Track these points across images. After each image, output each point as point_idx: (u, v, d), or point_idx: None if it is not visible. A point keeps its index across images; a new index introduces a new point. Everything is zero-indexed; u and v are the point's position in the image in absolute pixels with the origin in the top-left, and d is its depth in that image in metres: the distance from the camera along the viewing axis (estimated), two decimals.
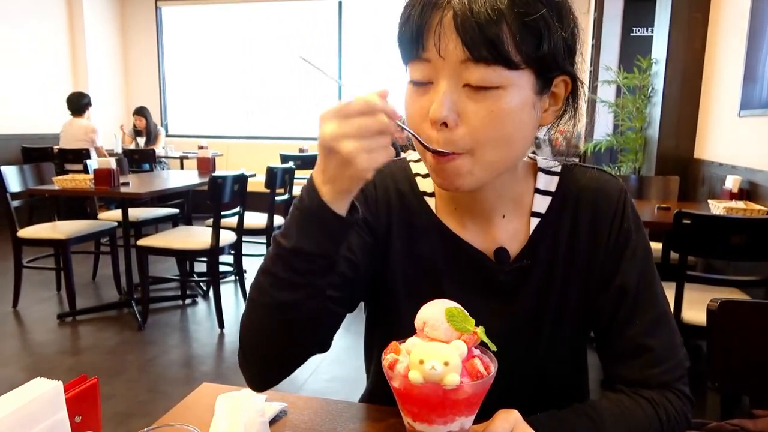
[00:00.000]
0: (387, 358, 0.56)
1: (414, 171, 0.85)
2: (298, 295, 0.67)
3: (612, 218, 0.78)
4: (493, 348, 0.55)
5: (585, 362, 0.88)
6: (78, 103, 5.48)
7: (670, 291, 2.10)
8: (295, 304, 0.67)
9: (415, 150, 0.91)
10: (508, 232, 0.80)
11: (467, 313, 0.55)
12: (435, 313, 0.55)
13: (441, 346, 0.52)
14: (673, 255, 2.35)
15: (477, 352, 0.55)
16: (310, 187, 0.63)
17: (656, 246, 3.06)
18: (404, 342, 0.57)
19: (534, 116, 0.69)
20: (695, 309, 2.10)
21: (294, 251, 0.64)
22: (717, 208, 2.54)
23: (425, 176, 0.83)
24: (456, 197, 0.80)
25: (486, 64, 0.62)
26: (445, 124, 0.64)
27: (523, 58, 0.63)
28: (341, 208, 0.63)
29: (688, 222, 2.04)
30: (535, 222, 0.79)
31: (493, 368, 0.54)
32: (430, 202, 0.82)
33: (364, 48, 7.23)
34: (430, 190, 0.83)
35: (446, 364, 0.50)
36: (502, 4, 0.61)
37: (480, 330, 0.55)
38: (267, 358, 0.74)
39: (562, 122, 0.75)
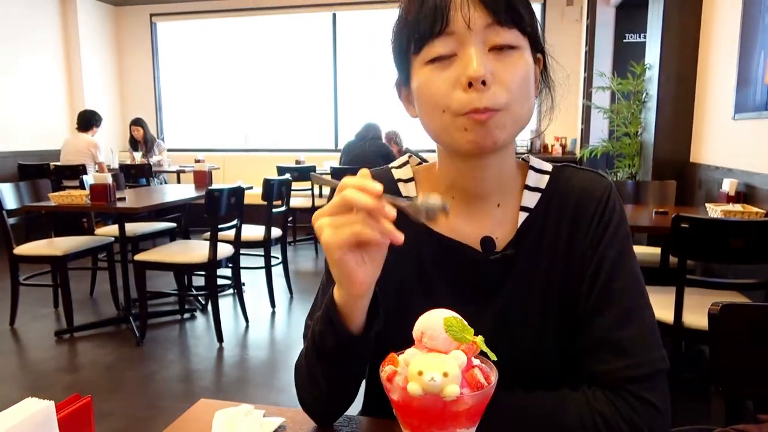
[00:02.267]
0: (385, 370, 0.55)
1: (396, 177, 0.87)
2: (335, 382, 0.75)
3: (593, 213, 0.79)
4: (493, 357, 0.54)
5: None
6: (87, 120, 5.60)
7: (669, 295, 2.10)
8: (336, 381, 0.75)
9: (400, 155, 0.93)
10: (499, 222, 0.82)
11: (466, 323, 0.54)
12: (433, 323, 0.54)
13: (440, 356, 0.52)
14: (672, 259, 2.35)
15: (477, 361, 0.54)
16: (330, 300, 0.71)
17: (655, 251, 3.05)
18: (402, 353, 0.56)
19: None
20: (696, 313, 2.10)
21: (319, 351, 0.73)
22: (714, 211, 2.53)
23: (407, 181, 0.87)
24: (457, 184, 0.82)
25: (508, 27, 0.69)
26: (483, 83, 0.68)
27: (527, 24, 0.71)
28: (355, 318, 0.70)
29: (686, 226, 2.03)
30: (523, 216, 0.81)
31: (494, 378, 0.53)
32: None
33: (359, 58, 7.26)
34: (412, 194, 0.85)
35: (445, 375, 0.49)
36: None
37: (479, 339, 0.54)
38: (321, 410, 0.79)
39: (540, 97, 0.81)
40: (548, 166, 0.85)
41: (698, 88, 3.70)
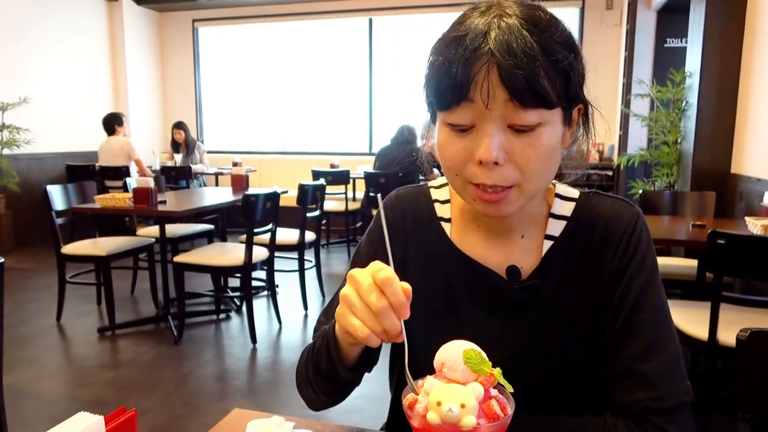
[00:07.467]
0: (407, 397, 0.58)
1: (433, 197, 0.90)
2: (332, 393, 0.84)
3: (619, 243, 0.79)
4: (510, 389, 0.56)
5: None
6: (109, 124, 5.83)
7: (705, 311, 2.06)
8: (333, 394, 0.85)
9: (434, 171, 0.95)
10: (524, 251, 0.83)
11: (485, 355, 0.57)
12: (453, 354, 0.57)
13: (458, 388, 0.54)
14: (709, 274, 2.30)
15: (494, 392, 0.57)
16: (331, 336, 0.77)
17: (692, 263, 2.99)
18: (424, 379, 0.59)
19: (561, 145, 0.75)
20: (731, 330, 2.05)
21: (325, 378, 0.81)
22: (754, 225, 2.47)
23: (444, 202, 0.89)
24: (480, 218, 0.85)
25: (530, 108, 0.67)
26: (495, 164, 0.69)
27: (557, 99, 0.69)
28: (354, 351, 0.75)
29: (723, 242, 1.99)
30: (548, 244, 0.82)
31: (510, 409, 0.56)
32: (446, 227, 0.87)
33: (394, 63, 7.30)
34: (447, 216, 0.88)
35: (463, 406, 0.52)
36: (539, 55, 0.66)
37: (497, 372, 0.56)
38: (320, 401, 0.86)
39: (576, 144, 0.80)
40: (575, 193, 0.85)
41: (741, 97, 3.60)
